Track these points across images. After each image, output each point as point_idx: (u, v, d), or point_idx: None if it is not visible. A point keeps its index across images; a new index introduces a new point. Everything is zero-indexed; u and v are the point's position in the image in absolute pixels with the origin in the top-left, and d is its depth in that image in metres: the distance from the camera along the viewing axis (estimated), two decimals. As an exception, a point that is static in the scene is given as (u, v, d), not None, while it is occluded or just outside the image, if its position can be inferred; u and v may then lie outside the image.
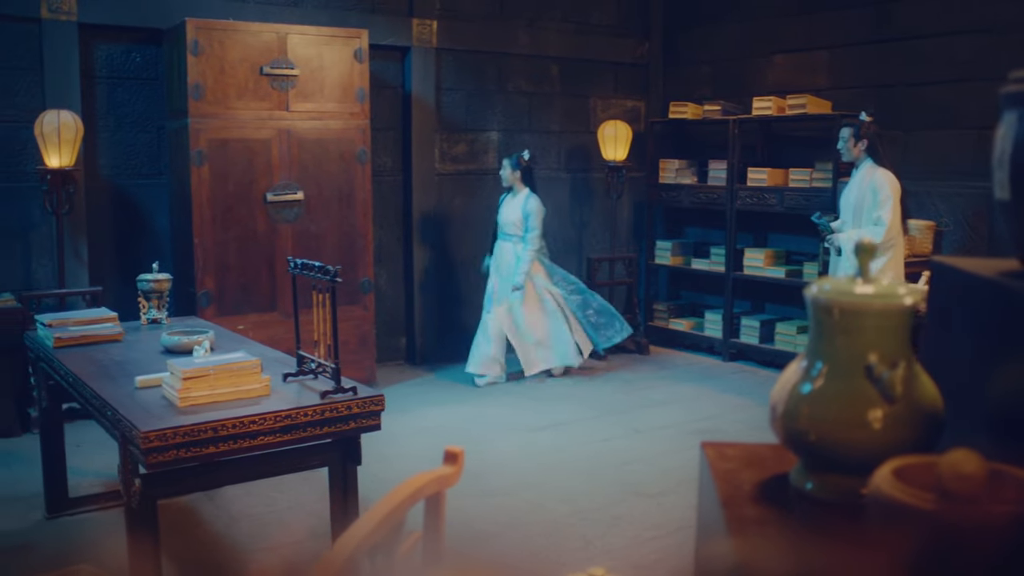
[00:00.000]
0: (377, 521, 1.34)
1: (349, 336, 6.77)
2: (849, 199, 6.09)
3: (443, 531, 1.61)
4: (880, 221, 5.86)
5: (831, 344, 1.31)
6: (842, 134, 6.09)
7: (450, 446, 1.64)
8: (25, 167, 6.15)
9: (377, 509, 1.36)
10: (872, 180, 5.93)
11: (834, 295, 1.31)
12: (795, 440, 1.31)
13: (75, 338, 4.19)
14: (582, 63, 8.45)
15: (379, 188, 7.52)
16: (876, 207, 5.89)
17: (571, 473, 5.16)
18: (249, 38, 6.19)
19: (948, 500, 0.95)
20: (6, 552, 4.15)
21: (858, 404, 1.27)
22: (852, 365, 1.29)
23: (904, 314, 1.31)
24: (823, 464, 1.31)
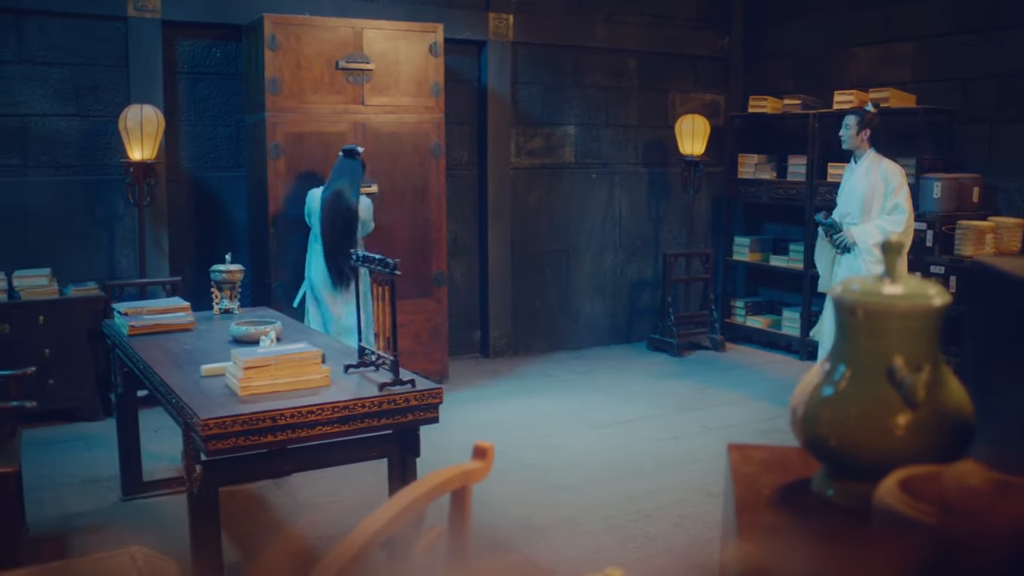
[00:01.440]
0: (394, 514, 1.34)
1: (421, 328, 6.83)
2: (855, 191, 5.88)
3: (468, 526, 1.61)
4: (899, 208, 5.71)
5: (855, 346, 1.28)
6: (846, 122, 5.92)
7: (480, 441, 1.64)
8: (110, 160, 6.33)
9: (395, 502, 1.37)
10: (881, 169, 5.78)
11: (859, 296, 1.27)
12: (815, 445, 1.28)
13: (148, 326, 4.30)
14: (660, 57, 8.37)
15: (454, 182, 7.56)
16: (889, 195, 5.73)
17: (637, 471, 5.12)
18: (325, 33, 6.27)
19: (950, 513, 0.92)
20: (82, 531, 4.29)
21: (880, 409, 1.23)
22: (875, 368, 1.26)
23: (931, 316, 1.27)
24: (844, 470, 1.27)
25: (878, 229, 5.70)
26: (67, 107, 6.23)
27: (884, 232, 5.62)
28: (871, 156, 5.85)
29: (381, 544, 1.37)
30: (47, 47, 6.15)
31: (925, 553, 0.89)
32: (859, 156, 5.90)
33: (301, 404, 3.19)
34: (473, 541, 4.08)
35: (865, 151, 5.87)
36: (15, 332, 5.68)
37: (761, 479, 1.32)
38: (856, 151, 5.91)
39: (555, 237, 8.12)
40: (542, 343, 8.09)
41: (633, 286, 8.51)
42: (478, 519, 4.37)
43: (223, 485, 3.30)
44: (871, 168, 5.81)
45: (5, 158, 6.09)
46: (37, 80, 6.14)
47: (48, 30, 6.14)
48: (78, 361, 5.85)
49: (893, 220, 5.68)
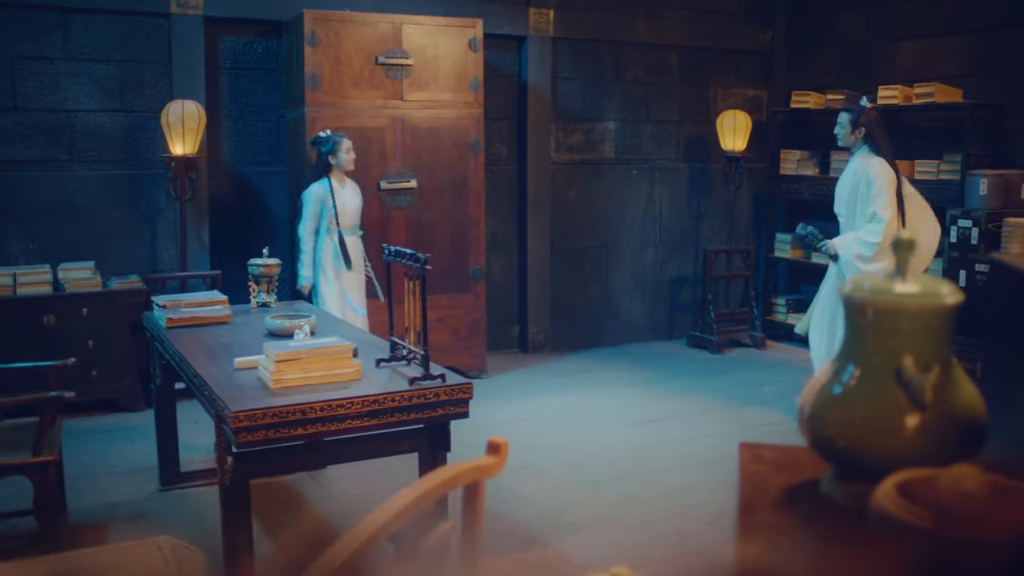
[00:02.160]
0: (400, 508, 1.35)
1: (460, 323, 6.85)
2: (843, 188, 5.71)
3: (480, 522, 1.61)
4: (877, 217, 5.43)
5: (863, 346, 1.26)
6: (840, 119, 5.71)
7: (493, 437, 1.64)
8: (153, 155, 6.42)
9: (403, 495, 1.38)
10: (866, 170, 5.52)
11: (869, 294, 1.26)
12: (822, 445, 1.27)
13: (185, 319, 4.36)
14: (702, 52, 8.31)
15: (493, 177, 7.57)
16: (869, 200, 5.48)
17: (672, 468, 5.10)
18: (365, 28, 6.30)
19: (944, 518, 0.90)
20: (120, 520, 4.36)
21: (888, 410, 1.22)
22: (884, 369, 1.24)
23: (943, 315, 1.25)
24: (851, 472, 1.26)
25: (858, 242, 5.49)
26: (111, 103, 6.32)
27: (863, 244, 5.43)
28: (863, 154, 5.60)
29: (389, 537, 1.38)
30: (93, 44, 6.25)
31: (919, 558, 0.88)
32: (855, 152, 5.68)
33: (331, 398, 3.21)
34: (505, 535, 4.09)
35: (859, 148, 5.63)
36: (60, 324, 5.78)
37: (770, 479, 1.31)
38: (852, 148, 5.69)
39: (595, 233, 8.10)
40: (581, 339, 8.07)
41: (673, 282, 8.46)
42: (511, 513, 4.41)
43: (254, 477, 3.33)
44: (859, 167, 5.59)
45: (53, 153, 6.21)
46: (83, 77, 6.24)
47: (94, 27, 6.23)
48: (120, 353, 5.94)
49: (871, 230, 5.43)
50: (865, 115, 5.59)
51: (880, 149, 5.58)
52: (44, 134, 6.17)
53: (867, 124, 5.59)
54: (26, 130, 6.13)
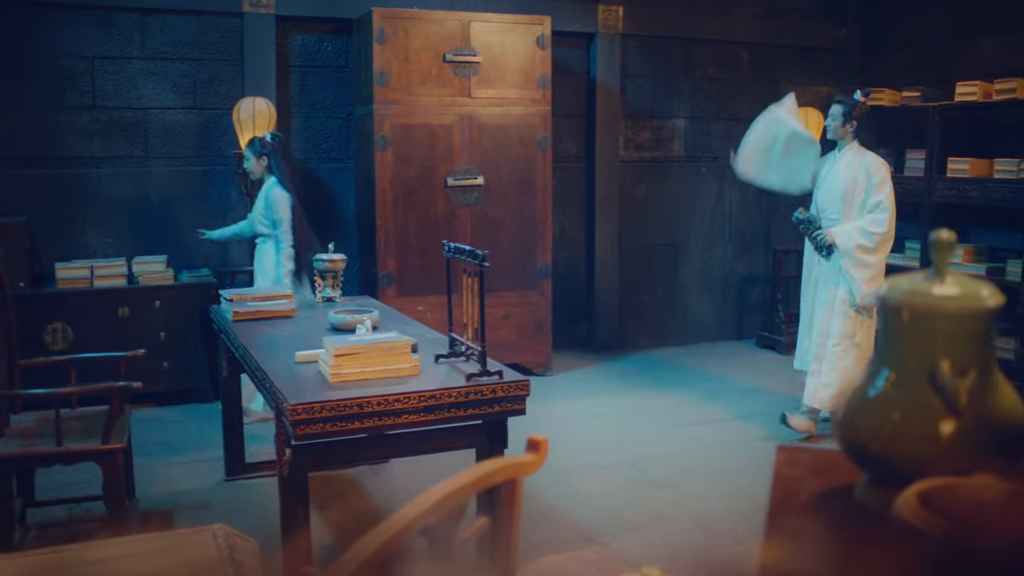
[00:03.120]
0: (433, 502, 1.36)
1: (525, 321, 6.86)
2: (836, 185, 5.50)
3: (517, 519, 1.61)
4: (881, 206, 5.33)
5: (899, 349, 1.24)
6: (832, 111, 5.55)
7: (534, 434, 1.64)
8: (225, 151, 6.55)
9: (435, 490, 1.39)
10: (864, 163, 5.41)
11: (905, 295, 1.23)
12: (855, 450, 1.25)
13: (251, 313, 4.43)
14: (774, 48, 8.20)
15: (561, 174, 7.56)
16: (872, 191, 5.36)
17: (735, 470, 5.04)
18: (433, 26, 6.35)
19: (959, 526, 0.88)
20: (186, 508, 4.46)
21: (922, 415, 1.19)
22: (920, 373, 1.21)
23: (981, 318, 1.22)
24: (884, 477, 1.23)
25: (860, 231, 5.34)
26: (185, 100, 6.47)
27: (866, 234, 5.32)
28: (854, 148, 5.49)
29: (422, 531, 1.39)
30: (169, 43, 6.39)
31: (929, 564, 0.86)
32: (842, 146, 5.54)
33: (388, 392, 3.24)
34: (563, 532, 4.09)
35: (849, 143, 5.51)
36: (133, 315, 5.92)
37: (803, 483, 1.29)
38: (840, 142, 5.56)
39: (663, 231, 8.05)
40: (648, 338, 8.03)
41: (742, 282, 8.37)
42: (571, 511, 4.40)
43: (312, 469, 3.37)
44: (853, 161, 5.46)
45: (129, 149, 6.37)
46: (158, 75, 6.39)
47: (170, 27, 6.38)
48: (190, 345, 6.07)
49: (875, 220, 5.32)
50: (858, 108, 5.47)
51: (871, 144, 5.52)
52: (121, 131, 6.33)
53: (859, 117, 5.47)
54: (104, 127, 6.30)
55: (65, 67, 6.19)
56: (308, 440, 3.14)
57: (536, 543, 4.07)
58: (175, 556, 2.08)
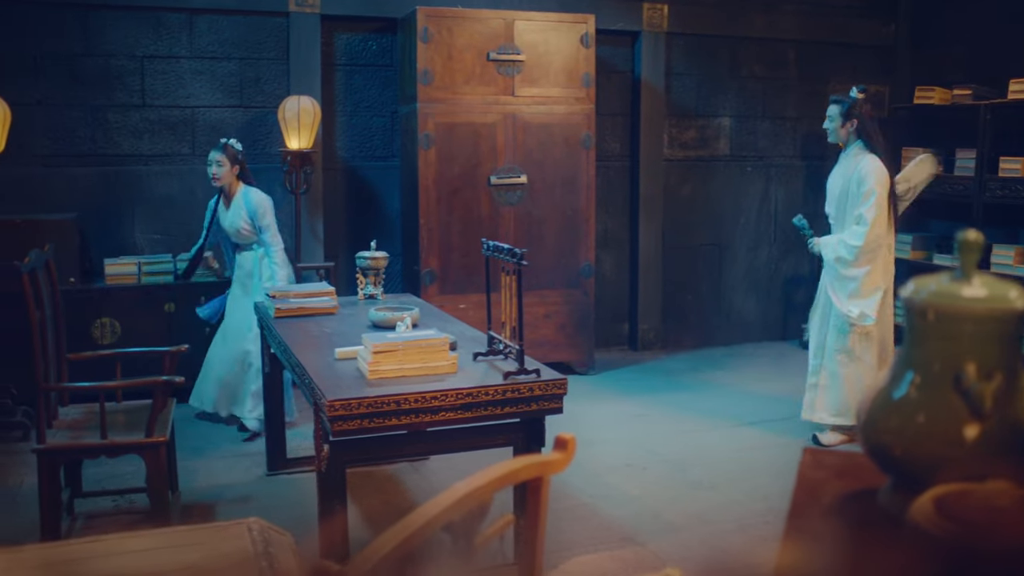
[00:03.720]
0: (455, 499, 1.37)
1: (568, 319, 6.86)
2: (835, 188, 5.42)
3: (543, 518, 1.61)
4: (862, 220, 5.16)
5: (924, 351, 1.22)
6: (829, 112, 5.36)
7: (562, 433, 1.64)
8: (270, 149, 6.61)
9: (459, 487, 1.39)
10: (858, 168, 5.22)
11: (931, 296, 1.22)
12: (878, 453, 1.23)
13: (293, 310, 4.48)
14: (821, 46, 8.11)
15: (605, 173, 7.55)
16: (858, 200, 5.19)
17: (777, 472, 4.99)
18: (476, 25, 6.36)
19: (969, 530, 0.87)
20: (227, 502, 4.51)
21: (946, 419, 1.17)
22: (945, 375, 1.20)
23: (1010, 320, 1.20)
24: (907, 481, 1.22)
25: (840, 244, 5.26)
26: (231, 99, 6.54)
27: (845, 247, 5.21)
28: (856, 150, 5.30)
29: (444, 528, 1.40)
30: (216, 43, 6.47)
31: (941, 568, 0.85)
32: (847, 148, 5.37)
33: (426, 389, 3.26)
34: (601, 531, 4.08)
35: (852, 143, 5.32)
36: (179, 311, 6.00)
37: (827, 485, 1.28)
38: (841, 144, 5.39)
39: (707, 231, 8.00)
40: (691, 338, 7.98)
41: (788, 282, 8.30)
42: (610, 510, 4.39)
43: (349, 465, 3.41)
44: (850, 165, 5.29)
45: (176, 147, 6.46)
46: (205, 74, 6.47)
47: (217, 27, 6.46)
48: (236, 341, 6.13)
49: (854, 232, 5.19)
50: (856, 106, 5.27)
51: (873, 145, 5.27)
52: (169, 129, 6.43)
53: (859, 116, 5.26)
54: (152, 126, 6.40)
55: (115, 67, 6.30)
56: (345, 436, 3.17)
57: (573, 542, 4.07)
58: (210, 548, 2.11)
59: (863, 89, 5.38)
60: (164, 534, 2.34)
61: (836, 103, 5.36)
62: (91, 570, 1.98)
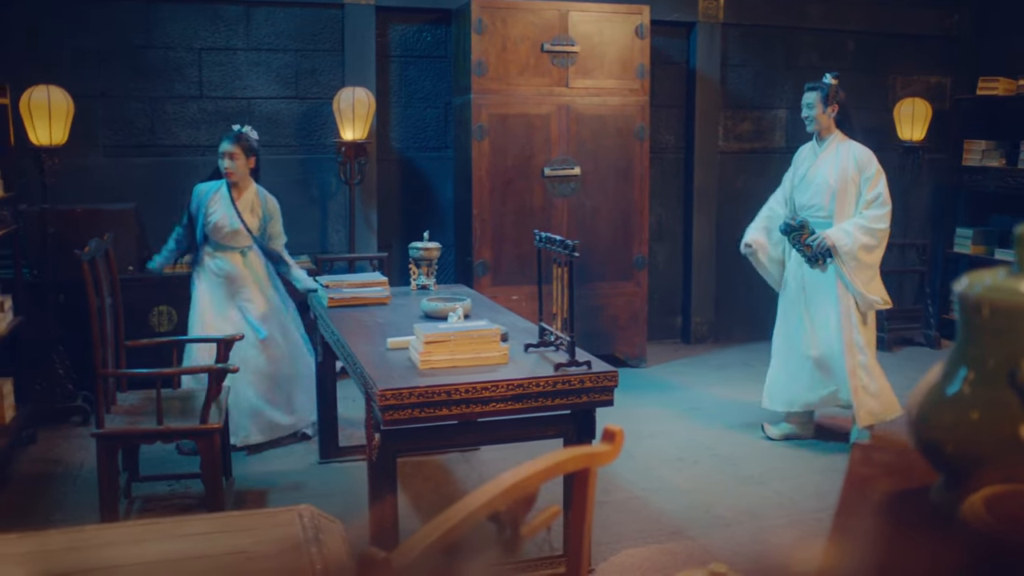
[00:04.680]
0: (502, 489, 1.37)
1: (620, 311, 6.84)
2: (825, 180, 5.02)
3: (590, 509, 1.61)
4: (881, 200, 4.90)
5: (978, 347, 1.19)
6: (807, 99, 5.07)
7: (610, 424, 1.64)
8: (325, 140, 6.67)
9: (505, 477, 1.40)
10: (852, 154, 4.96)
11: (986, 291, 1.19)
12: (930, 450, 1.21)
13: (346, 299, 4.51)
14: (881, 37, 7.98)
15: (659, 165, 7.50)
16: (867, 183, 4.91)
17: (829, 468, 4.94)
18: (531, 16, 6.35)
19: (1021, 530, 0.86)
20: (280, 489, 4.57)
21: (1000, 417, 1.15)
22: (999, 372, 1.17)
23: (1070, 316, 1.17)
24: (960, 479, 1.20)
25: (862, 230, 4.89)
26: (287, 90, 6.61)
27: (869, 232, 4.88)
28: (836, 139, 5.05)
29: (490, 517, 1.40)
30: (272, 35, 6.54)
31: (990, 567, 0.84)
32: (824, 138, 5.08)
33: (476, 380, 3.27)
34: (651, 524, 4.06)
35: (832, 132, 5.06)
36: (235, 300, 6.06)
37: (876, 483, 1.26)
38: (821, 132, 5.09)
39: (763, 223, 7.91)
40: (744, 331, 7.91)
41: (843, 276, 8.18)
42: (660, 503, 4.37)
43: (400, 454, 3.43)
44: (840, 153, 5.00)
45: (233, 137, 6.53)
46: (262, 65, 6.54)
47: (274, 18, 6.52)
48: (290, 330, 6.19)
49: (876, 216, 4.89)
50: (835, 92, 5.00)
51: (854, 131, 5.07)
52: (226, 120, 6.49)
53: (839, 101, 5.02)
54: (209, 116, 6.48)
55: (174, 59, 6.39)
56: (396, 425, 3.19)
57: (622, 535, 4.06)
58: (261, 534, 2.14)
59: (836, 75, 5.11)
60: (217, 519, 2.38)
61: (814, 89, 5.08)
62: (148, 551, 2.02)
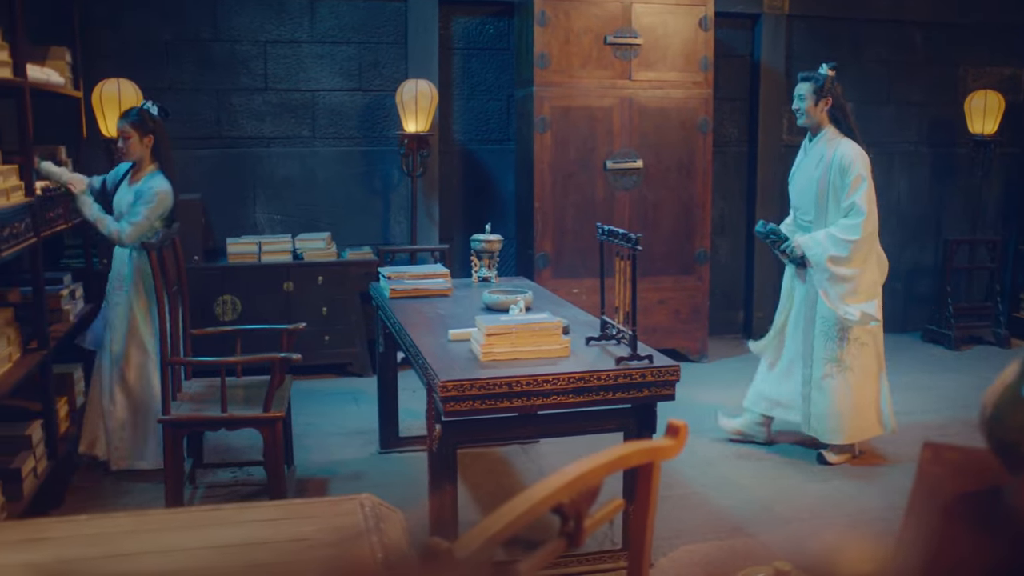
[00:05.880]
0: (565, 482, 1.36)
1: (681, 306, 6.79)
2: (810, 181, 4.74)
3: (653, 504, 1.60)
4: (856, 210, 4.54)
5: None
6: (799, 91, 4.72)
7: (674, 419, 1.62)
8: (388, 132, 6.71)
9: (570, 469, 1.39)
10: (837, 155, 4.60)
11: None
12: (1004, 450, 1.18)
13: (408, 290, 4.54)
14: (951, 28, 7.81)
15: (722, 158, 7.43)
16: (845, 190, 4.56)
17: (894, 467, 4.86)
18: (594, 8, 6.32)
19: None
20: (342, 478, 4.61)
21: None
22: (1083, 369, 1.14)
23: None
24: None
25: (830, 239, 4.59)
26: (351, 82, 6.66)
27: (837, 243, 4.57)
28: (829, 134, 4.70)
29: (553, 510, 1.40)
30: (336, 27, 6.59)
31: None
32: (817, 133, 4.74)
33: (538, 372, 3.27)
34: (711, 520, 4.04)
35: (824, 128, 4.71)
36: (297, 290, 6.15)
37: (946, 483, 1.23)
38: (813, 128, 4.75)
39: (826, 218, 7.80)
40: (807, 327, 7.80)
41: (909, 273, 8.04)
42: (720, 499, 4.34)
43: (460, 446, 3.44)
44: (826, 152, 4.67)
45: (297, 130, 6.61)
46: (326, 58, 6.60)
47: (338, 11, 6.58)
48: (351, 320, 6.26)
49: (848, 226, 4.56)
50: (829, 84, 4.66)
51: (848, 128, 4.71)
52: (290, 112, 6.58)
53: (833, 94, 4.67)
54: (274, 109, 6.56)
55: (240, 52, 6.47)
56: (457, 417, 3.20)
57: (681, 530, 4.03)
58: (323, 522, 2.16)
59: (834, 66, 4.77)
60: (279, 506, 2.40)
61: (807, 80, 4.72)
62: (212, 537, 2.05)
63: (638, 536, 1.59)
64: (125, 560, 1.93)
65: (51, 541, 2.03)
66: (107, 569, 1.88)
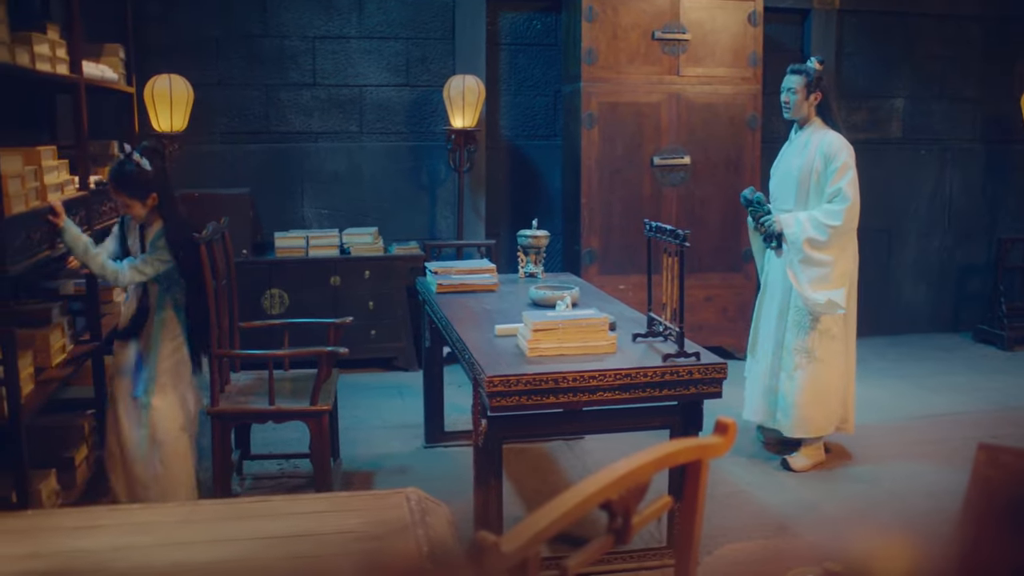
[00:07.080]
0: (614, 478, 1.36)
1: (729, 303, 6.75)
2: (790, 170, 4.73)
3: (701, 501, 1.59)
4: (841, 196, 4.51)
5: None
6: (788, 83, 4.72)
7: (723, 416, 1.61)
8: (435, 127, 6.73)
9: (618, 466, 1.39)
10: (823, 144, 4.58)
11: None
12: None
13: (455, 286, 4.55)
14: (1008, 22, 7.67)
15: (771, 155, 7.26)
16: (830, 178, 4.54)
17: (943, 468, 4.79)
18: (642, 3, 6.29)
19: None
20: (387, 472, 4.64)
21: None
22: None
23: None
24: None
25: (812, 222, 4.54)
26: (398, 78, 6.69)
27: (819, 226, 4.51)
28: (814, 126, 4.70)
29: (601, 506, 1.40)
30: (384, 23, 6.63)
31: None
32: (803, 125, 4.75)
33: (584, 369, 3.26)
34: (756, 519, 4.01)
35: (811, 121, 4.71)
36: (344, 284, 6.19)
37: (1003, 486, 1.21)
38: (803, 120, 4.74)
39: (876, 216, 7.68)
40: (855, 326, 7.71)
41: (961, 272, 7.92)
42: (766, 498, 4.31)
43: (506, 441, 3.44)
44: (811, 142, 4.66)
45: (344, 125, 6.65)
46: (373, 53, 6.64)
47: (385, 7, 6.61)
48: (397, 315, 6.29)
49: (830, 211, 4.51)
50: (819, 78, 4.66)
51: (835, 122, 4.70)
52: (338, 107, 6.62)
53: (823, 88, 4.68)
54: (322, 104, 6.61)
55: (289, 47, 6.52)
56: (503, 412, 3.20)
57: (727, 529, 4.01)
58: (370, 515, 2.17)
59: (821, 60, 4.77)
60: (326, 499, 2.43)
61: (798, 73, 4.71)
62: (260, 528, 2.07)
63: (686, 534, 1.59)
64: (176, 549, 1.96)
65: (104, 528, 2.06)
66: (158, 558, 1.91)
